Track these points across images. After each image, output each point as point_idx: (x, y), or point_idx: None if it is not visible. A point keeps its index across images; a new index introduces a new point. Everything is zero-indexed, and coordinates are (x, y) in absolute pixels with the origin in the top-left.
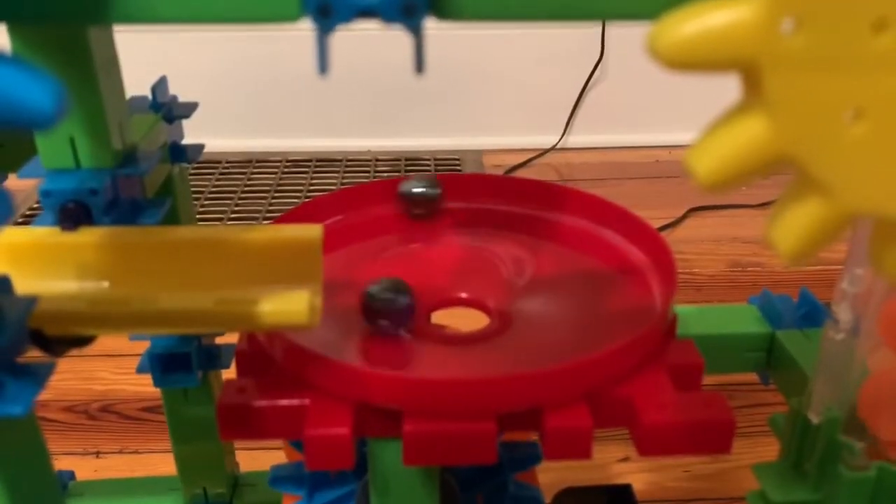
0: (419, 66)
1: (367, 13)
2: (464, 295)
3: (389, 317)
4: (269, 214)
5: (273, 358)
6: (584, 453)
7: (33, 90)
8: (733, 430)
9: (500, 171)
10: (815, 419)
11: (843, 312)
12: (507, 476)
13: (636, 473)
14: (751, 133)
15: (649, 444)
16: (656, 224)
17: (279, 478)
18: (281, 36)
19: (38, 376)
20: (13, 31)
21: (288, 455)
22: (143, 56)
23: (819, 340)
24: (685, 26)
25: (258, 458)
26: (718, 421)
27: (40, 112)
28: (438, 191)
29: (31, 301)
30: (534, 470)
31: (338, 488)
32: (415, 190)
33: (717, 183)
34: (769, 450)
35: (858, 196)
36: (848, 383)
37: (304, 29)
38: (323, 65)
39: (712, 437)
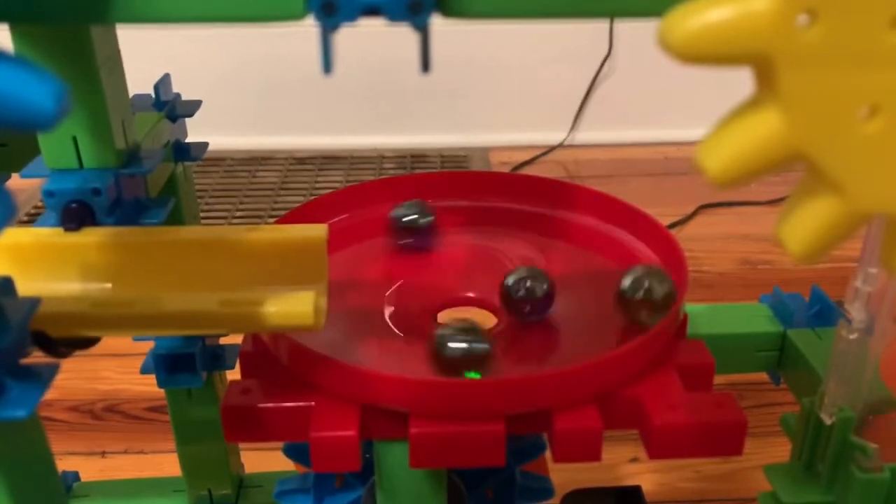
0: (425, 64)
1: (371, 11)
2: (471, 294)
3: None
4: (273, 212)
5: (278, 359)
6: (594, 455)
7: (35, 90)
8: (745, 431)
9: (506, 169)
10: (827, 420)
11: (856, 311)
12: (514, 468)
13: (645, 474)
14: (763, 129)
15: (660, 447)
16: (665, 221)
17: (285, 491)
18: (285, 33)
19: (41, 378)
20: (15, 29)
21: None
22: (145, 54)
23: (831, 340)
24: (698, 18)
25: (264, 458)
26: (730, 422)
27: (41, 112)
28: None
29: (34, 302)
30: (543, 459)
31: (344, 495)
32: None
33: (727, 179)
34: (779, 450)
35: (871, 195)
36: (861, 383)
37: (309, 26)
38: (327, 64)
39: (724, 438)
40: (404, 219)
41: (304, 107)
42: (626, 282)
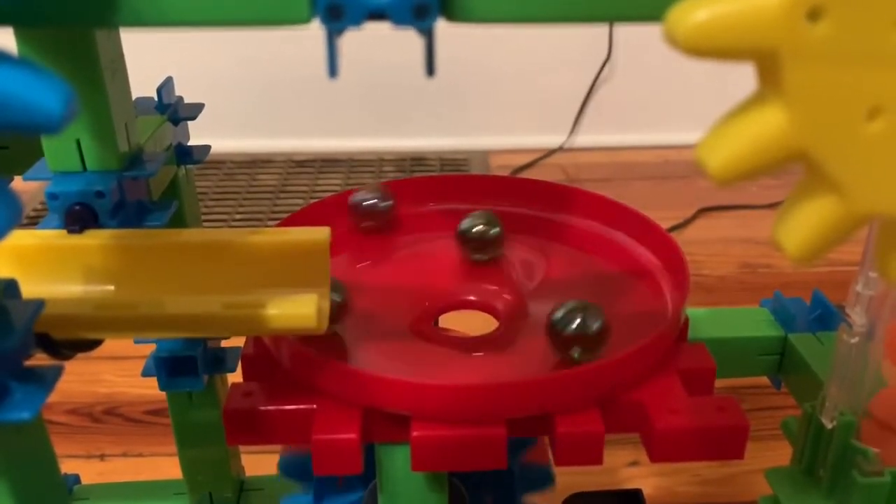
0: (430, 69)
1: (377, 15)
2: (472, 298)
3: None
4: (273, 215)
5: (279, 362)
6: (596, 459)
7: (42, 94)
8: (747, 435)
9: (506, 172)
10: (828, 424)
11: (857, 316)
12: (512, 464)
13: (645, 478)
14: (765, 126)
15: (661, 450)
16: (665, 225)
17: (288, 467)
18: (285, 36)
19: (45, 381)
20: (19, 33)
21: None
22: (146, 56)
23: (832, 344)
24: (705, 11)
25: (264, 461)
26: (732, 426)
27: (49, 116)
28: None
29: (39, 305)
30: (544, 447)
31: (345, 495)
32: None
33: (728, 177)
34: (779, 454)
35: (871, 196)
36: (862, 388)
37: (308, 29)
38: (333, 68)
39: (725, 442)
40: (364, 203)
41: (303, 110)
42: (558, 315)
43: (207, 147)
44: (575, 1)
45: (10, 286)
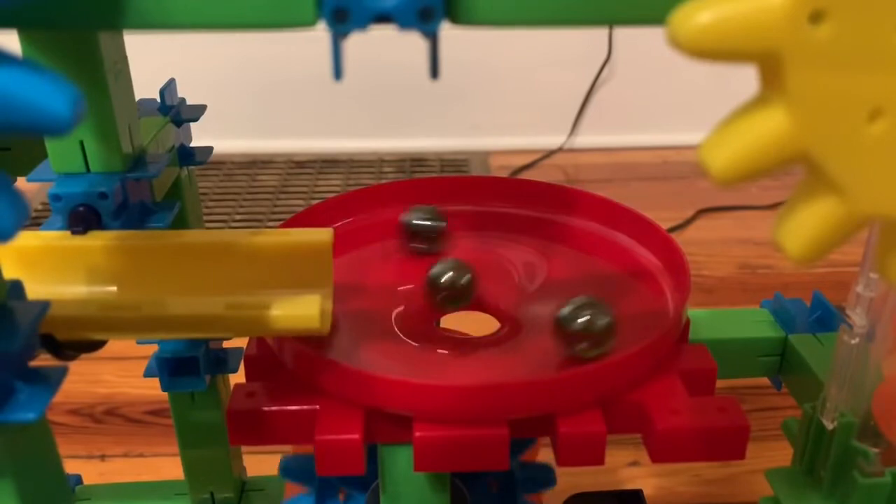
0: (434, 72)
1: (383, 18)
2: None
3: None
4: (273, 216)
5: (282, 363)
6: (598, 459)
7: (51, 96)
8: (748, 436)
9: (506, 173)
10: (829, 425)
11: (857, 317)
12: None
13: (645, 478)
14: (768, 127)
15: (663, 451)
16: (665, 225)
17: (289, 470)
18: (285, 37)
19: (50, 381)
20: (23, 35)
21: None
22: (147, 58)
23: (833, 345)
24: (709, 13)
25: (266, 462)
26: (733, 427)
27: (57, 118)
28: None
29: (44, 306)
30: (535, 448)
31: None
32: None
33: (730, 178)
34: (780, 454)
35: (872, 198)
36: (862, 389)
37: (309, 30)
38: (338, 70)
39: (727, 442)
40: (415, 222)
41: (303, 110)
42: (566, 311)
43: (210, 148)
44: (579, 4)
45: (15, 287)
